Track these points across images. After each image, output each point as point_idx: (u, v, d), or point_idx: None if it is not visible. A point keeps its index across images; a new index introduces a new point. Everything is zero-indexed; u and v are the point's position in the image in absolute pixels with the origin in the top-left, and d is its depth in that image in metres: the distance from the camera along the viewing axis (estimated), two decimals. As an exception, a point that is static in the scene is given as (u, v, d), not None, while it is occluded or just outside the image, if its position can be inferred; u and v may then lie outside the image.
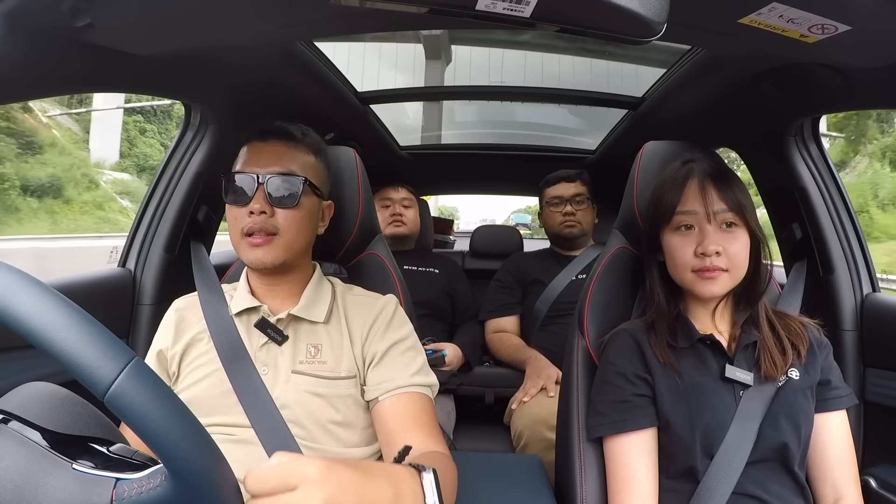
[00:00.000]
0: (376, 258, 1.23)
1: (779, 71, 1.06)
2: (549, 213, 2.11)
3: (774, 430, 0.89)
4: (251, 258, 0.94)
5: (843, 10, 0.75)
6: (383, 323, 0.98)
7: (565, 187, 2.08)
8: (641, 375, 0.96)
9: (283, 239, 0.94)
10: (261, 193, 0.93)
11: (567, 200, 2.05)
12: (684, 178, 0.96)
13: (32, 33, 0.80)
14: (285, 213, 0.94)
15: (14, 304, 0.42)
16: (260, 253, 0.93)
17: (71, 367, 0.42)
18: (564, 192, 2.07)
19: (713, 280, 0.92)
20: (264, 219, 0.92)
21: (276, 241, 0.93)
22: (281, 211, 0.94)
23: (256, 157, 0.96)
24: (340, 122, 1.92)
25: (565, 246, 2.11)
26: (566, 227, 2.04)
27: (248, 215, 0.92)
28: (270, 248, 0.93)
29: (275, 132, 0.98)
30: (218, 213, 1.50)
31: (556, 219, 2.07)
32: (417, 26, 1.16)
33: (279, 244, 0.94)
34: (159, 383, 0.45)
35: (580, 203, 2.06)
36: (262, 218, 0.92)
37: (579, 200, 2.06)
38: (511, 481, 1.09)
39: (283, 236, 0.94)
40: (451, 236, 4.04)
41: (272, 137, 0.98)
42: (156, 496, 0.46)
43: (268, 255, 0.93)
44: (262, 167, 0.94)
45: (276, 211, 0.94)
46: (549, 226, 2.12)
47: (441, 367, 1.82)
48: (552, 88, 1.84)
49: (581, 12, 0.64)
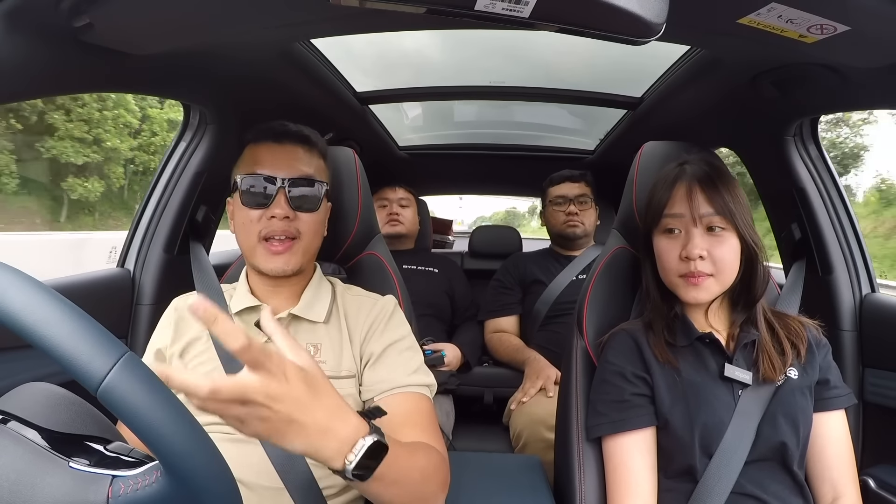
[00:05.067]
0: (375, 258, 1.23)
1: (778, 71, 1.07)
2: (552, 212, 2.11)
3: (773, 430, 0.89)
4: (270, 267, 0.93)
5: (842, 11, 0.75)
6: (381, 323, 0.98)
7: (569, 187, 2.09)
8: (640, 375, 0.96)
9: (303, 243, 0.94)
10: (282, 197, 0.92)
11: (571, 200, 2.06)
12: (673, 181, 0.97)
13: (31, 33, 0.80)
14: (307, 218, 0.94)
15: (7, 300, 0.42)
16: (281, 262, 0.92)
17: (64, 361, 0.42)
18: (568, 191, 2.08)
19: (698, 287, 0.92)
20: (287, 223, 0.92)
21: (296, 246, 0.93)
22: (303, 215, 0.94)
23: (272, 160, 0.95)
24: (339, 121, 1.92)
25: (566, 246, 2.11)
26: (569, 226, 2.05)
27: (268, 219, 0.92)
28: (291, 255, 0.93)
29: (291, 135, 0.98)
30: (217, 213, 1.50)
31: (559, 218, 2.07)
32: (417, 26, 1.16)
33: (299, 249, 0.94)
34: (153, 378, 0.45)
35: (583, 203, 2.07)
36: (284, 222, 0.92)
37: (583, 201, 2.07)
38: (510, 481, 1.09)
39: (303, 241, 0.94)
40: (450, 236, 4.04)
41: (288, 140, 0.97)
42: (151, 492, 0.46)
43: (289, 263, 0.93)
44: (280, 170, 0.93)
45: (297, 215, 0.93)
46: (551, 225, 2.13)
47: (440, 367, 1.82)
48: (551, 88, 1.84)
49: (580, 12, 0.64)
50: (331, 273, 1.19)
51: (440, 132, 2.53)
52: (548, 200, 2.14)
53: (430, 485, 0.77)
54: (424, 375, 0.94)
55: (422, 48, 1.67)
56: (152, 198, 1.41)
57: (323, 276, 1.06)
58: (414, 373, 0.93)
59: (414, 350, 0.98)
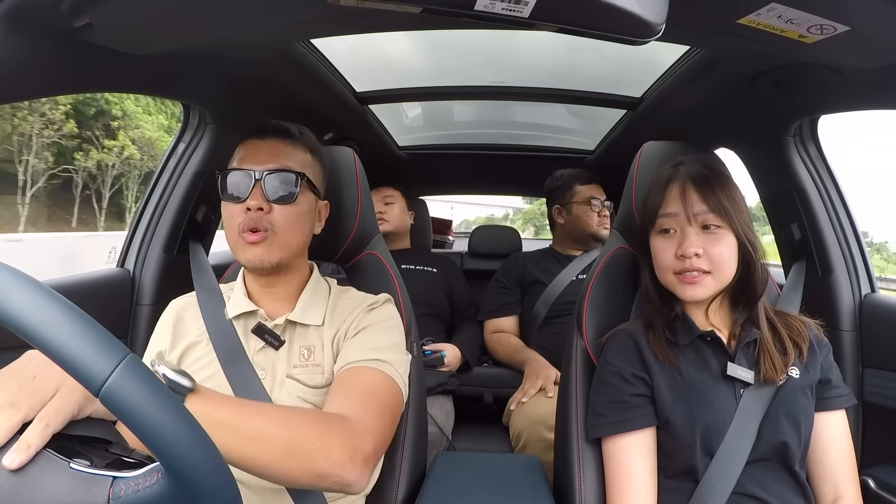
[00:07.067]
0: (375, 258, 1.23)
1: (777, 71, 1.07)
2: (584, 211, 2.04)
3: (774, 429, 0.89)
4: (248, 257, 0.92)
5: (842, 11, 0.75)
6: (362, 312, 0.97)
7: (597, 189, 2.08)
8: (640, 375, 0.96)
9: (279, 237, 0.93)
10: (258, 190, 0.92)
11: (602, 202, 2.05)
12: (667, 181, 0.97)
13: (31, 33, 0.80)
14: (282, 210, 0.93)
15: (8, 301, 0.42)
16: (258, 251, 0.92)
17: (65, 363, 0.42)
18: (599, 194, 2.07)
19: (694, 284, 0.92)
20: (261, 215, 0.92)
21: (271, 238, 0.93)
22: (278, 207, 0.93)
23: (253, 154, 0.95)
24: (339, 121, 1.92)
25: (577, 247, 2.10)
26: (603, 227, 2.04)
27: (245, 212, 0.92)
28: (267, 247, 0.92)
29: (271, 129, 0.98)
30: (217, 213, 1.50)
31: (592, 219, 2.03)
32: (416, 26, 1.16)
33: (276, 242, 0.93)
34: (154, 380, 0.45)
35: (606, 206, 2.07)
36: (258, 214, 0.91)
37: (606, 204, 2.07)
38: (510, 482, 1.09)
39: (279, 234, 0.93)
40: (449, 236, 4.04)
41: (269, 135, 0.97)
42: (152, 494, 0.46)
43: (265, 255, 0.92)
44: (258, 164, 0.94)
45: (273, 207, 0.93)
46: (582, 225, 2.05)
47: (440, 367, 1.82)
48: (551, 88, 1.84)
49: (580, 12, 0.64)
50: (330, 273, 1.19)
51: (440, 132, 2.52)
52: (573, 200, 2.07)
53: (304, 438, 0.70)
54: (385, 353, 0.90)
55: (421, 48, 1.67)
56: (152, 198, 1.41)
57: (321, 278, 1.05)
58: (372, 350, 0.90)
59: (386, 333, 0.95)
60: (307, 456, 0.69)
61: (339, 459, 0.71)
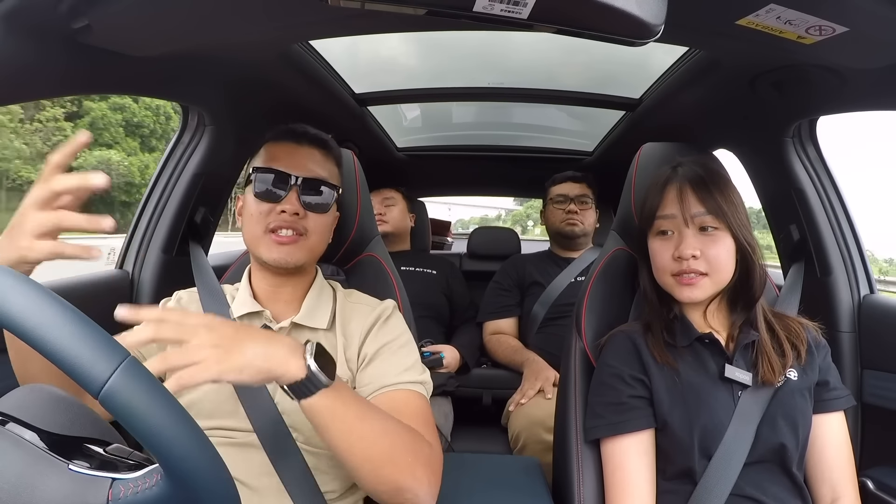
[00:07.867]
0: (374, 260, 1.23)
1: (776, 72, 1.07)
2: (551, 210, 2.12)
3: (772, 431, 0.89)
4: (274, 256, 0.93)
5: (841, 12, 0.75)
6: (378, 325, 0.98)
7: (570, 187, 2.10)
8: (638, 377, 0.96)
9: (310, 242, 0.95)
10: (294, 194, 0.94)
11: (571, 199, 2.07)
12: (665, 183, 0.98)
13: (30, 35, 0.80)
14: (315, 217, 0.96)
15: (9, 304, 0.42)
16: (285, 252, 0.93)
17: (65, 365, 0.42)
18: (569, 191, 2.09)
19: (692, 286, 0.93)
20: (296, 219, 0.93)
21: (302, 242, 0.94)
22: (311, 215, 0.95)
23: (289, 157, 0.96)
24: (338, 123, 1.92)
25: (565, 246, 2.11)
26: (567, 224, 2.05)
27: (277, 213, 0.93)
28: (296, 249, 0.94)
29: (310, 137, 1.00)
30: (216, 215, 1.50)
31: (557, 216, 2.09)
32: (415, 28, 1.16)
33: (305, 246, 0.95)
34: (154, 382, 0.45)
35: (584, 203, 2.08)
36: (293, 218, 0.93)
37: (583, 200, 2.08)
38: (509, 483, 1.09)
39: (310, 239, 0.95)
40: (448, 238, 4.04)
41: (307, 141, 0.99)
42: (151, 496, 0.46)
43: (292, 255, 0.93)
44: (296, 169, 0.95)
45: (307, 214, 0.95)
46: (550, 223, 2.14)
47: (439, 368, 1.82)
48: (550, 90, 1.84)
49: (579, 13, 0.64)
50: (329, 274, 1.19)
51: (439, 134, 2.52)
52: (548, 199, 2.15)
53: (401, 451, 0.75)
54: (418, 373, 0.93)
55: (420, 50, 1.67)
56: (151, 199, 1.41)
57: (325, 281, 1.05)
58: (406, 370, 0.92)
59: (408, 349, 0.97)
60: (399, 468, 0.74)
61: (421, 477, 0.76)
